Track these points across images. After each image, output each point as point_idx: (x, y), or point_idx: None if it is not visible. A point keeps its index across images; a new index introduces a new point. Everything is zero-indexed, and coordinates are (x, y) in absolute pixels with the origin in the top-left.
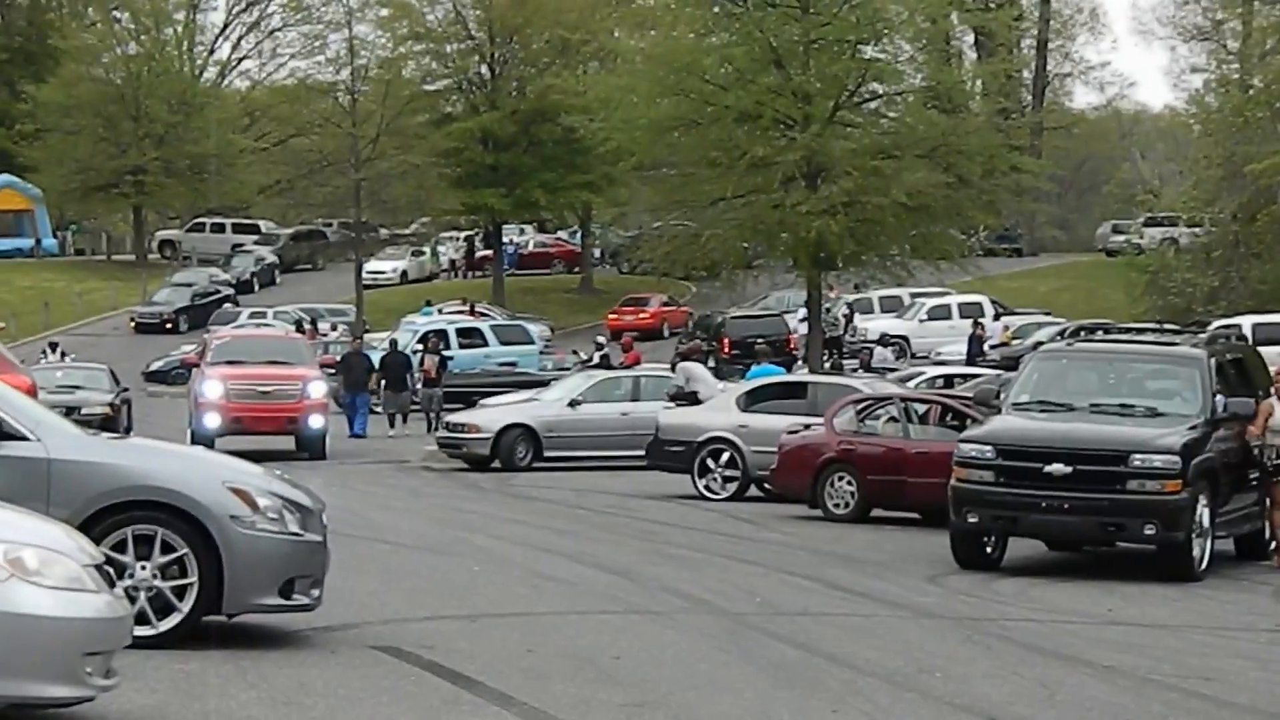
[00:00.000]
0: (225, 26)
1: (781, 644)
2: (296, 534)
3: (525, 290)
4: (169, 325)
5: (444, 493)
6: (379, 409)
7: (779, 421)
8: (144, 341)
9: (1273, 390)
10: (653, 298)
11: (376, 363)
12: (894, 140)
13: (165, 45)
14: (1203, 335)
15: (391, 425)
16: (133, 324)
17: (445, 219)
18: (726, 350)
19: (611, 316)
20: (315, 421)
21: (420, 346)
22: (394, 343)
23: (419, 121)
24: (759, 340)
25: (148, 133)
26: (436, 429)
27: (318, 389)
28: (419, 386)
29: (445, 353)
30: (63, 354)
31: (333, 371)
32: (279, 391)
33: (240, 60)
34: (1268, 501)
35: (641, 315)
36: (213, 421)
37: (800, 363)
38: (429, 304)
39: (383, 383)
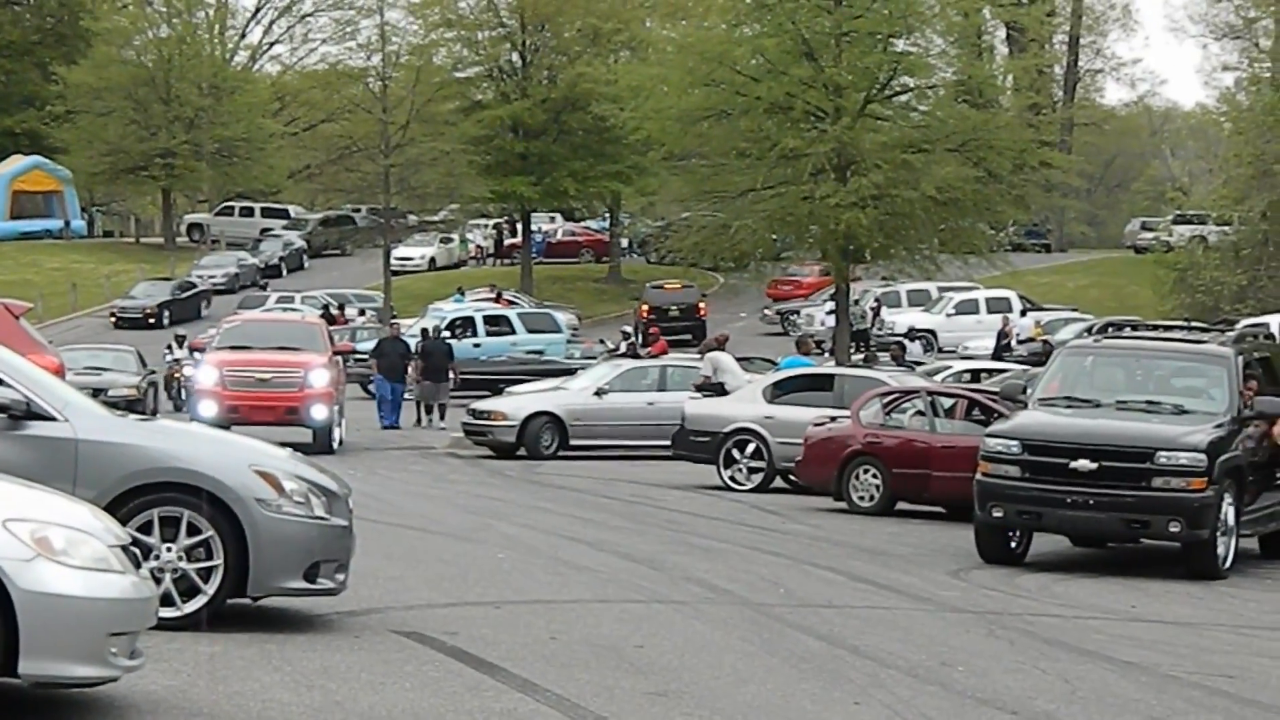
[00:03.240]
0: (257, 10)
1: (805, 635)
2: (322, 518)
3: (553, 279)
4: (151, 320)
5: (469, 480)
6: (410, 396)
7: (805, 413)
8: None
9: None
10: (806, 269)
11: (414, 349)
12: (924, 134)
13: (197, 29)
14: (1230, 333)
15: (428, 414)
16: (113, 319)
17: (474, 206)
18: (644, 315)
19: (769, 291)
20: (318, 412)
21: (449, 334)
22: (435, 330)
23: (449, 108)
24: (673, 307)
25: (178, 116)
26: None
27: (320, 377)
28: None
29: (474, 340)
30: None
31: (364, 359)
32: (278, 379)
33: (271, 45)
34: None
35: (799, 289)
36: (208, 410)
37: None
38: (460, 292)
39: (419, 371)
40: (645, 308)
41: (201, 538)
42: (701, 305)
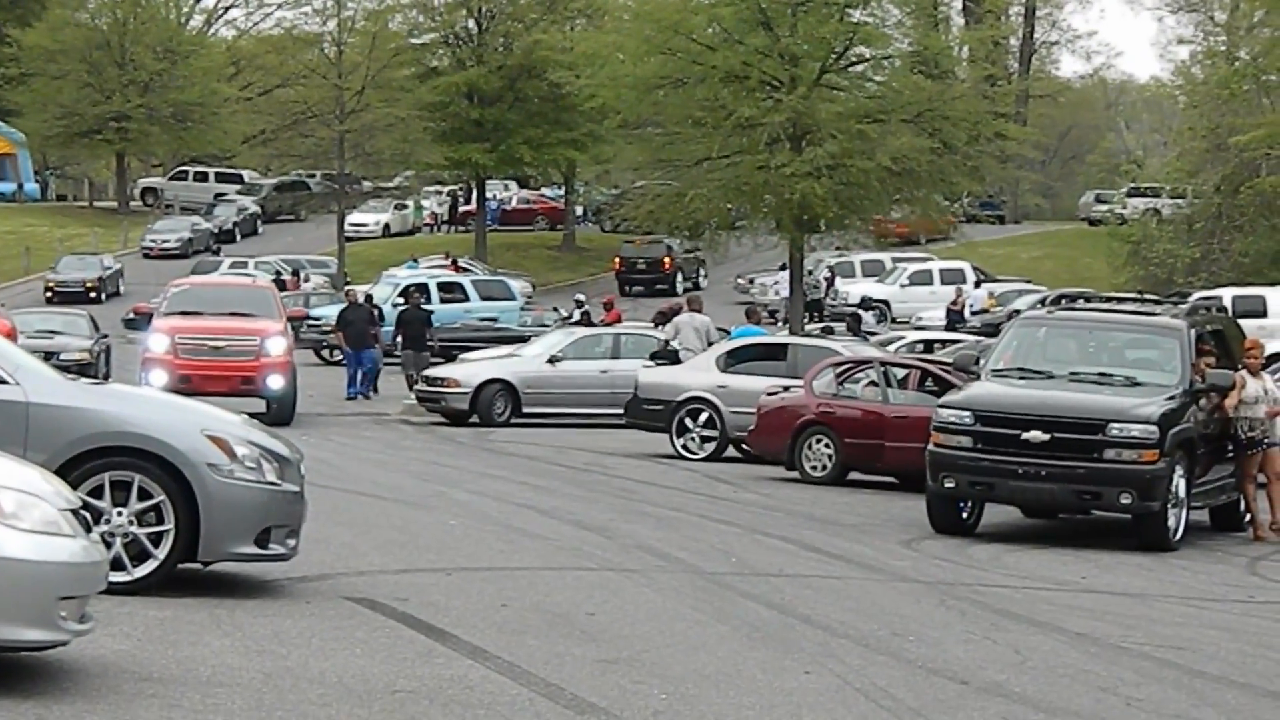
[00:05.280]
0: None
1: (756, 604)
2: (274, 483)
3: (508, 246)
4: (93, 294)
5: (422, 446)
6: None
7: (758, 383)
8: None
9: (1244, 363)
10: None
11: (394, 319)
12: (880, 104)
13: None
14: (1183, 306)
15: (411, 386)
16: (49, 294)
17: (429, 173)
18: (617, 268)
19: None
20: (274, 382)
21: (401, 300)
22: (413, 297)
23: (404, 75)
24: (640, 261)
25: (132, 79)
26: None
27: (277, 345)
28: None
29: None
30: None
31: (329, 330)
32: (232, 347)
33: (227, 9)
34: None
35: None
36: (158, 379)
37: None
38: (415, 260)
39: (399, 340)
40: (618, 260)
41: (153, 502)
42: (667, 260)
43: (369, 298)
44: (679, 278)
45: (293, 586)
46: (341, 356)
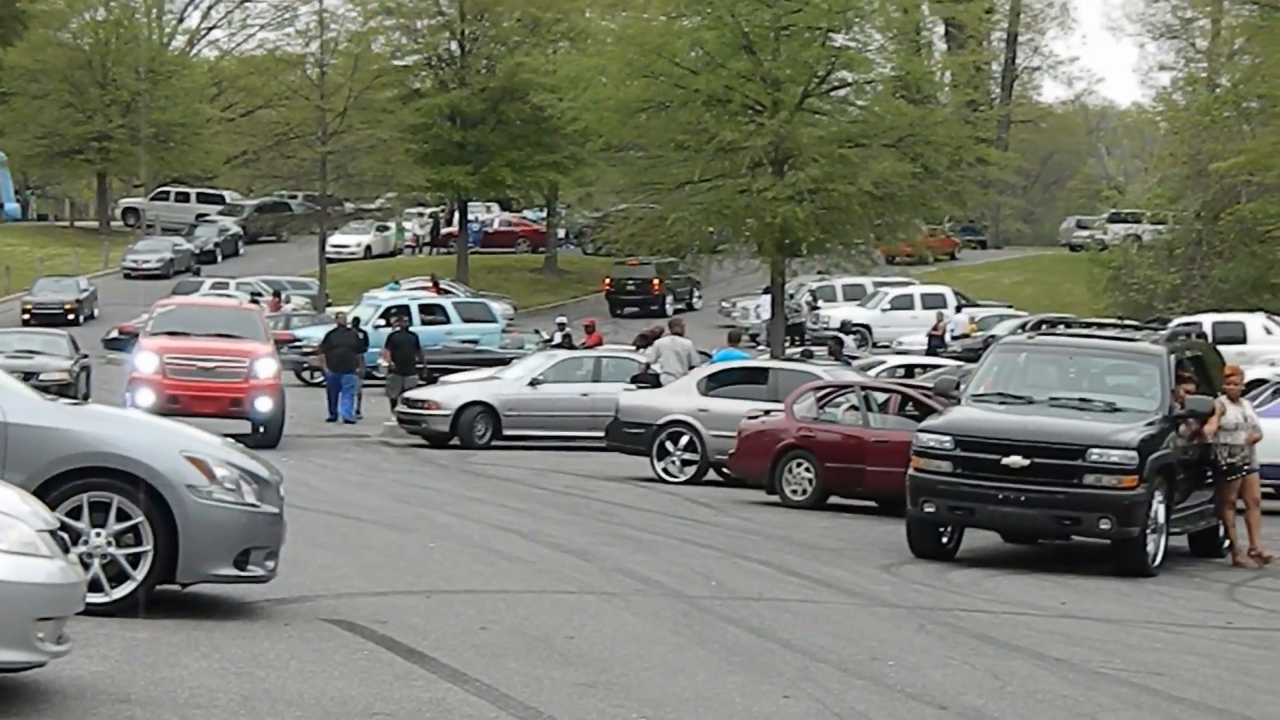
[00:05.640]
0: None
1: (735, 628)
2: (253, 505)
3: (489, 268)
4: (71, 315)
5: (402, 469)
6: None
7: (739, 406)
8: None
9: (1224, 390)
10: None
11: (384, 341)
12: (862, 129)
13: (134, 12)
14: (1163, 332)
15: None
16: (25, 315)
17: (411, 195)
18: (607, 288)
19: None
20: (263, 404)
21: (383, 322)
22: (402, 320)
23: (387, 96)
24: (630, 282)
25: (114, 99)
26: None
27: (267, 367)
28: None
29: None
30: None
31: (311, 351)
32: (222, 369)
33: (209, 30)
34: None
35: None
36: (146, 399)
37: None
38: (396, 282)
39: (388, 364)
40: (608, 281)
41: (131, 523)
42: (656, 282)
43: (356, 321)
44: (669, 299)
45: (271, 608)
46: (322, 378)
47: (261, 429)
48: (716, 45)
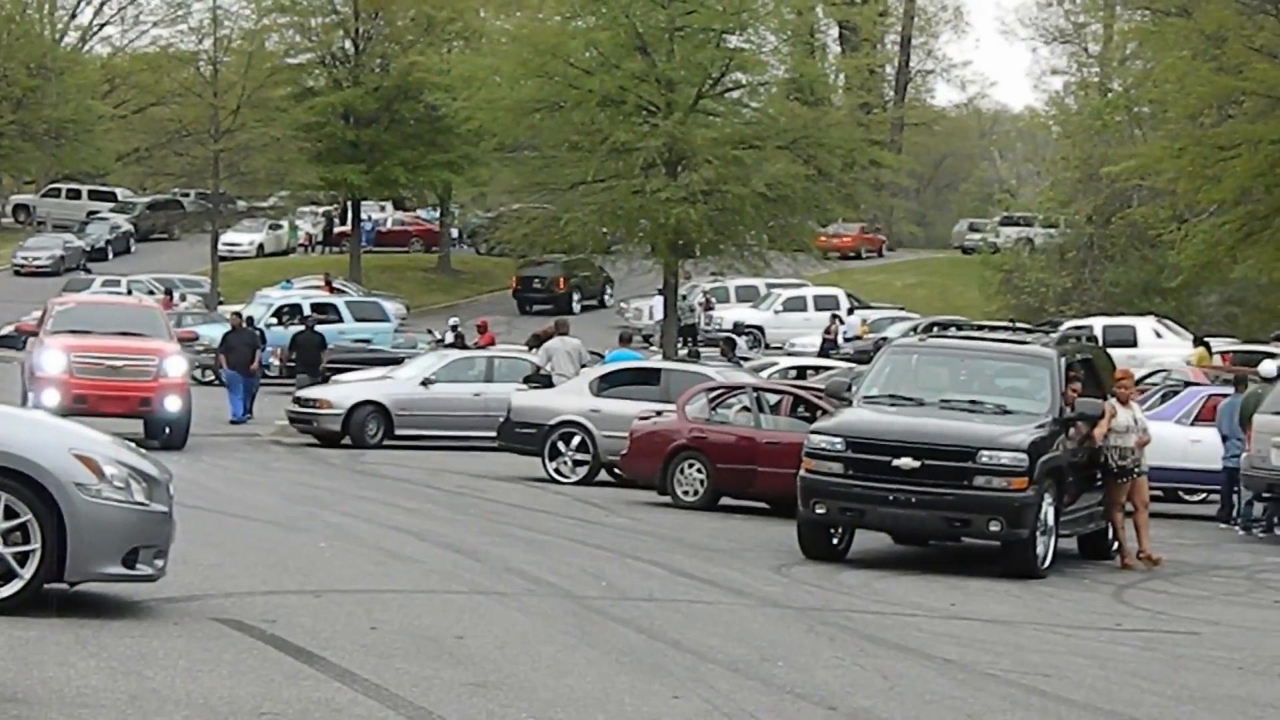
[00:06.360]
0: None
1: (625, 628)
2: (142, 504)
3: (382, 268)
4: None
5: (293, 468)
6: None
7: (631, 407)
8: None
9: (1114, 393)
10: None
11: (288, 341)
12: (755, 130)
13: (26, 7)
14: (1054, 335)
15: None
16: None
17: (304, 193)
18: (515, 287)
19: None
20: (172, 404)
21: (275, 321)
22: (308, 321)
23: (280, 94)
24: (536, 280)
25: (5, 95)
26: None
27: (177, 366)
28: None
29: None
30: None
31: (204, 350)
32: (131, 367)
33: (102, 26)
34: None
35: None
36: (51, 399)
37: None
38: (289, 281)
39: (291, 365)
40: (514, 280)
41: (19, 521)
42: (561, 280)
43: (250, 320)
44: (575, 297)
45: (160, 607)
46: (215, 378)
47: (168, 429)
48: (611, 46)
